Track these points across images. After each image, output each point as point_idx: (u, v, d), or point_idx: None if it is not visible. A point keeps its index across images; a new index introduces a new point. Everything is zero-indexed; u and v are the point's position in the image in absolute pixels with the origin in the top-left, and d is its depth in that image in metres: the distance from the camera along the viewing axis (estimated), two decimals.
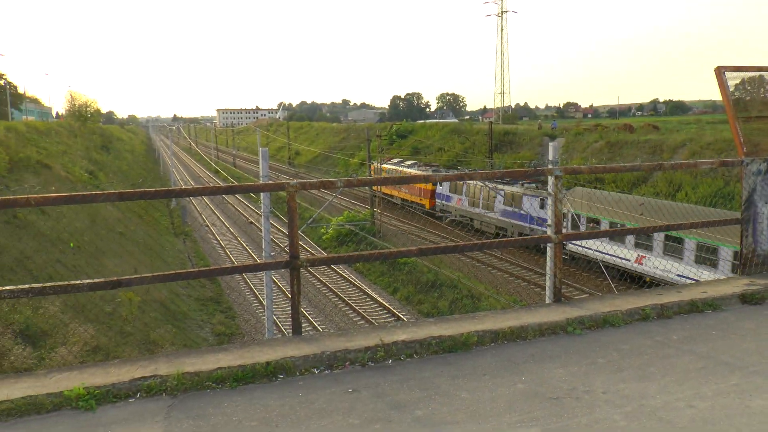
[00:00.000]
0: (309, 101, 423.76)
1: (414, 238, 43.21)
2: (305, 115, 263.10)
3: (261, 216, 10.09)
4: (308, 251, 41.95)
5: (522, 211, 37.40)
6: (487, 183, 39.86)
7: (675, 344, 5.90)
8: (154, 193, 5.86)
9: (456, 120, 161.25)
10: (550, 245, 7.25)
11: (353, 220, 44.22)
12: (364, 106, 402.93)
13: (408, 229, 47.00)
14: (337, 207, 56.69)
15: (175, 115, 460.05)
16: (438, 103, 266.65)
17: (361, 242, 41.53)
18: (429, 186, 50.79)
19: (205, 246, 45.34)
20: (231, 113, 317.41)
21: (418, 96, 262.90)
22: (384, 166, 54.85)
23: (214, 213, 59.73)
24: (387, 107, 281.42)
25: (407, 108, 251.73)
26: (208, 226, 52.97)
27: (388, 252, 6.73)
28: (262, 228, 10.08)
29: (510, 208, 38.90)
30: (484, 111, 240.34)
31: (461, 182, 43.38)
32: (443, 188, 48.06)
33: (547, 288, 7.45)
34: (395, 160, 59.53)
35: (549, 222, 7.27)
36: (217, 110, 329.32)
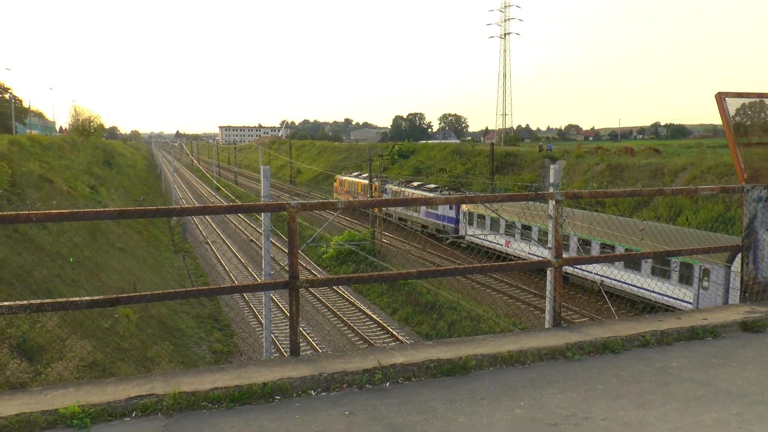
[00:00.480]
0: (312, 120, 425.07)
1: (414, 258, 43.24)
2: (308, 133, 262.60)
3: (261, 235, 10.08)
4: (308, 271, 41.81)
5: (437, 212, 49.00)
6: (414, 190, 52.88)
7: (675, 371, 5.85)
8: (154, 211, 5.88)
9: (458, 141, 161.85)
10: (550, 269, 7.21)
11: (353, 240, 44.20)
12: (366, 125, 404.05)
13: (408, 249, 47.01)
14: (338, 226, 56.73)
15: (177, 131, 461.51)
16: (440, 123, 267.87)
17: (361, 262, 41.52)
18: (376, 194, 59.62)
19: (204, 263, 45.19)
20: (233, 130, 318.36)
21: (420, 116, 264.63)
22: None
23: (215, 230, 59.88)
24: (389, 127, 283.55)
25: (409, 128, 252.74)
26: (208, 243, 52.92)
27: (387, 274, 6.74)
28: (263, 247, 10.07)
29: (430, 210, 51.15)
30: (486, 132, 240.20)
31: (397, 189, 56.04)
32: (386, 196, 58.17)
33: (546, 312, 7.38)
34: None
35: (549, 245, 7.24)
36: (220, 127, 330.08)
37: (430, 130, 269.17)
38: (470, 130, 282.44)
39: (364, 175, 74.20)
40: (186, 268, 43.05)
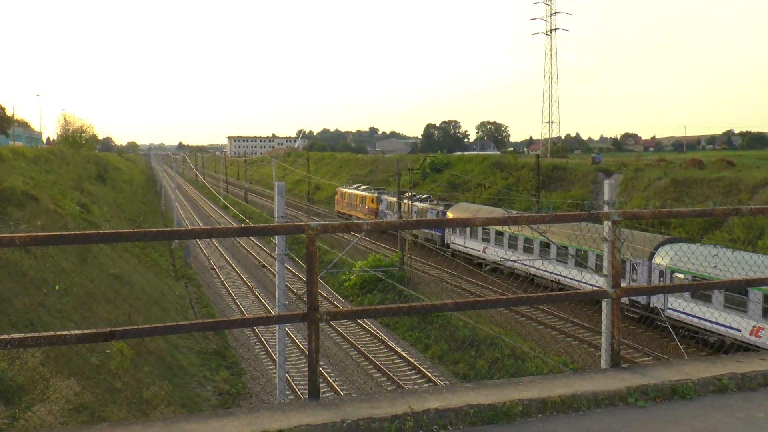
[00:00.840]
0: (332, 129, 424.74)
1: (448, 287, 42.85)
2: (327, 144, 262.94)
3: (275, 260, 10.12)
4: (328, 301, 41.82)
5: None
6: (407, 201, 61.02)
7: (761, 423, 5.72)
8: (155, 234, 5.93)
9: (498, 152, 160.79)
10: (607, 301, 7.08)
11: (380, 266, 44.40)
12: (393, 135, 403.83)
13: (441, 276, 46.78)
14: (361, 249, 56.88)
15: (180, 143, 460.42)
16: (477, 132, 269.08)
17: (389, 291, 41.47)
18: (374, 205, 70.51)
19: (210, 292, 45.41)
20: (243, 141, 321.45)
21: (455, 124, 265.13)
22: (343, 191, 78.25)
23: (222, 254, 60.09)
24: (420, 137, 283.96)
25: (443, 138, 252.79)
26: (214, 269, 53.14)
27: (419, 305, 6.72)
28: (276, 274, 10.09)
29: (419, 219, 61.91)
30: (530, 142, 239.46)
31: (393, 199, 63.45)
32: (383, 206, 67.59)
33: (603, 350, 7.25)
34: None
35: (605, 272, 7.12)
36: (228, 138, 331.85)
37: (466, 140, 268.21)
38: (512, 140, 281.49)
39: (364, 187, 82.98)
40: (189, 297, 42.93)
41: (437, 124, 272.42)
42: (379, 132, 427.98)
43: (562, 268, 40.03)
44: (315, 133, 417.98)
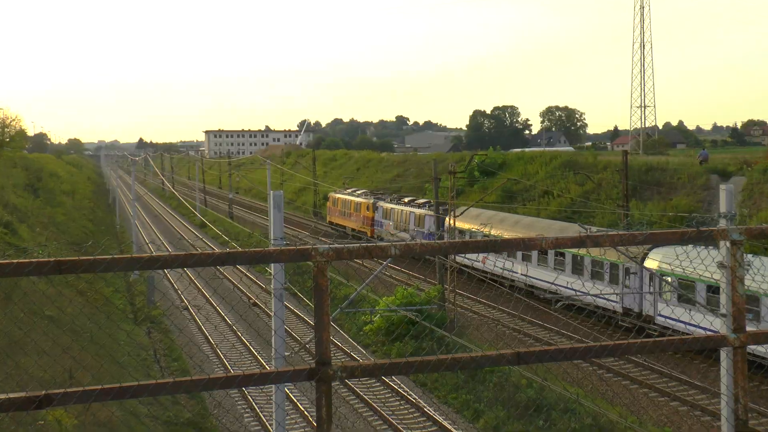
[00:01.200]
0: (346, 119, 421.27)
1: (506, 331, 42.54)
2: (340, 139, 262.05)
3: (271, 296, 10.16)
4: (343, 352, 41.66)
5: (423, 230, 62.71)
6: (404, 207, 70.17)
7: None
8: (109, 263, 5.81)
9: (571, 148, 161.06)
10: (727, 350, 6.96)
11: (412, 303, 43.79)
12: (429, 126, 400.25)
13: (496, 315, 46.52)
14: (387, 281, 57.29)
15: (141, 140, 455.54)
16: (543, 121, 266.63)
17: (425, 337, 41.23)
18: (369, 213, 77.50)
19: (182, 339, 45.14)
20: (227, 137, 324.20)
21: (512, 111, 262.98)
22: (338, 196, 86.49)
23: (199, 289, 59.85)
24: (464, 128, 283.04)
25: (495, 129, 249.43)
26: (188, 308, 53.00)
27: (467, 357, 6.58)
28: (273, 316, 10.08)
29: (417, 228, 65.68)
30: (615, 135, 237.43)
31: (390, 206, 72.61)
32: (378, 214, 75.14)
33: (723, 418, 7.08)
34: (356, 192, 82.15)
35: (724, 312, 6.98)
36: (206, 132, 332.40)
37: (527, 132, 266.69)
38: (590, 131, 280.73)
39: (359, 192, 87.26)
40: (153, 346, 42.82)
41: (487, 111, 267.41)
42: (410, 122, 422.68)
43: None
44: (323, 125, 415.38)
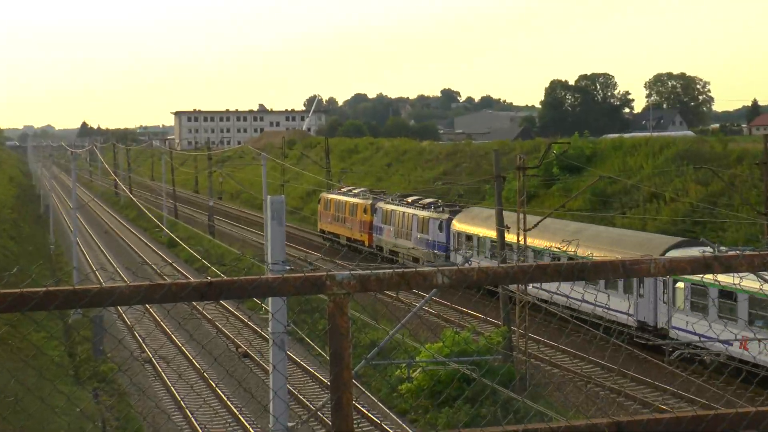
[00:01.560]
0: (371, 94, 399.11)
1: (599, 392, 39.68)
2: (364, 123, 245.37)
3: (268, 343, 10.14)
4: (369, 422, 38.02)
5: (428, 237, 66.50)
6: (406, 208, 70.97)
7: None
8: (41, 298, 5.61)
9: (690, 132, 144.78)
10: None
11: (467, 353, 38.37)
12: (488, 103, 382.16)
13: (586, 370, 43.20)
14: (431, 321, 54.85)
15: (84, 125, 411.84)
16: (649, 95, 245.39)
17: (484, 400, 37.15)
18: (367, 216, 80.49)
19: (144, 405, 41.52)
20: (206, 120, 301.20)
21: (606, 81, 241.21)
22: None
23: (168, 333, 55.12)
24: (537, 105, 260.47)
25: (582, 107, 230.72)
26: (152, 360, 49.25)
27: (546, 429, 6.24)
28: (271, 370, 9.93)
29: (421, 234, 68.63)
30: (753, 113, 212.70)
31: (391, 207, 75.34)
32: (378, 217, 78.22)
33: None
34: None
35: None
36: (177, 115, 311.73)
37: (627, 110, 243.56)
38: (717, 108, 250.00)
39: (357, 191, 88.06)
40: (102, 416, 39.21)
41: (570, 82, 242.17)
42: (461, 98, 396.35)
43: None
44: (339, 103, 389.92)
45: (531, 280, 6.31)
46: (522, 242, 49.24)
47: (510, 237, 51.36)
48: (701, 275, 6.50)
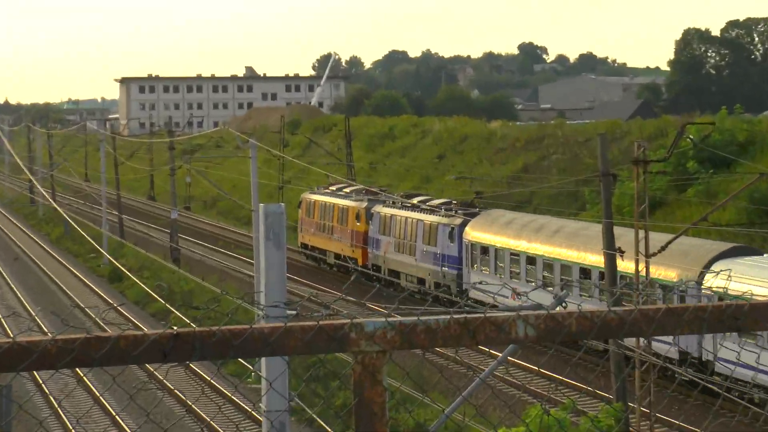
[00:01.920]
0: (412, 52, 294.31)
1: None
2: (401, 93, 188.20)
3: (262, 428, 8.65)
4: None
5: (435, 250, 54.25)
6: (409, 212, 57.30)
7: None
8: None
9: None
10: None
11: None
12: (588, 63, 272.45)
13: None
14: (506, 393, 41.86)
15: (8, 104, 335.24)
16: None
17: None
18: (361, 225, 64.82)
19: None
20: (166, 90, 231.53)
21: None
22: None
23: (109, 412, 41.17)
24: (665, 66, 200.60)
25: (731, 67, 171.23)
26: None
27: None
28: None
29: (427, 247, 56.48)
30: None
31: (391, 212, 60.04)
32: (374, 225, 62.86)
33: None
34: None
35: None
36: (123, 82, 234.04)
37: None
38: None
39: (349, 189, 70.11)
40: None
41: (713, 33, 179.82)
42: (548, 57, 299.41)
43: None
44: (366, 65, 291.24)
45: (660, 331, 4.83)
46: (642, 272, 38.34)
47: (591, 260, 43.28)
48: None
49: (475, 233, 54.34)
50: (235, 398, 42.07)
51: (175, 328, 4.56)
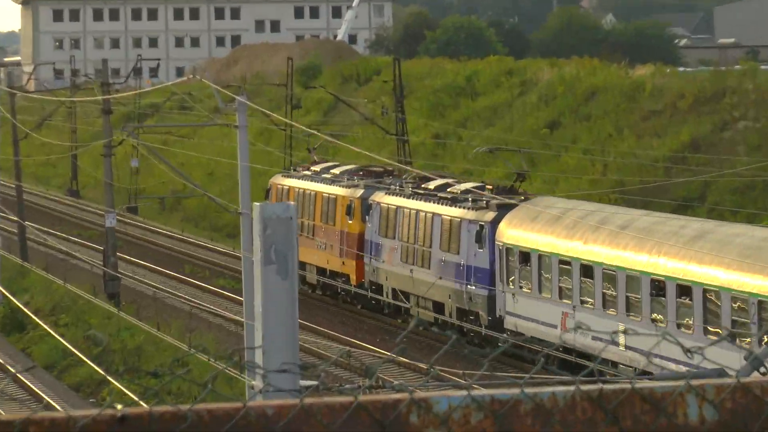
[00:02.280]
0: None
1: None
2: (487, 22, 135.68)
3: None
4: None
5: (458, 261, 39.44)
6: (425, 203, 41.16)
7: None
8: None
9: None
10: None
11: None
12: None
13: None
14: None
15: None
16: None
17: None
18: (354, 223, 49.01)
19: None
20: (96, 16, 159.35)
21: None
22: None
23: None
24: None
25: None
26: None
27: None
28: None
29: (446, 255, 41.49)
30: None
31: (393, 203, 44.66)
32: (373, 223, 47.14)
33: None
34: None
35: None
36: (26, 4, 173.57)
37: None
38: None
39: (338, 171, 52.54)
40: None
41: None
42: None
43: None
44: None
45: None
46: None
47: (636, 264, 33.29)
48: None
49: (511, 232, 40.13)
50: None
51: (118, 406, 2.93)
